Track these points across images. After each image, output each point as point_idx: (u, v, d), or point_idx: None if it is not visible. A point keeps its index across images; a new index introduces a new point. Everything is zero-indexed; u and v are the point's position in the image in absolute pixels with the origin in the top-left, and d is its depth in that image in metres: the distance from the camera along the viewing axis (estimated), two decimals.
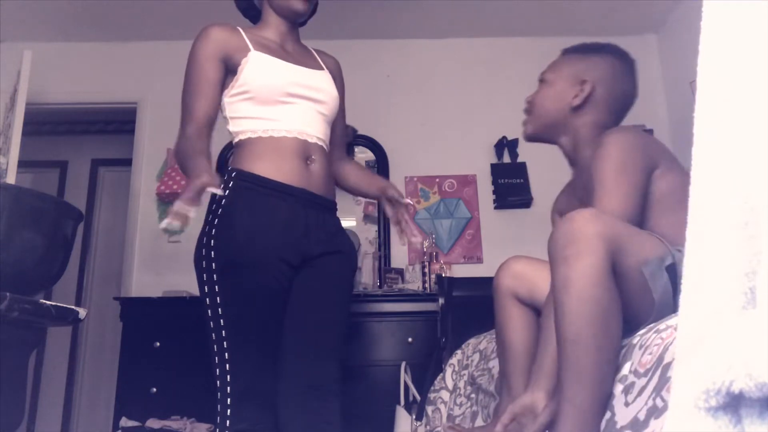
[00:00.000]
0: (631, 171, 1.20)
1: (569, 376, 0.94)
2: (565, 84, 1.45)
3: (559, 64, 1.50)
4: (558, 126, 1.45)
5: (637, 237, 1.08)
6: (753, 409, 0.39)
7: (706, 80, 0.47)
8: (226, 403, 1.36)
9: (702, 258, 0.45)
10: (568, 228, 1.00)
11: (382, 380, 2.79)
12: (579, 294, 0.95)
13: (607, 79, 1.44)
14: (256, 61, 1.47)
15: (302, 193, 1.44)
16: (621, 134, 1.25)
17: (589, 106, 1.41)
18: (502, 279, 1.52)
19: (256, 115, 1.47)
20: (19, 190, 1.55)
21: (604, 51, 1.48)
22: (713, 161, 0.46)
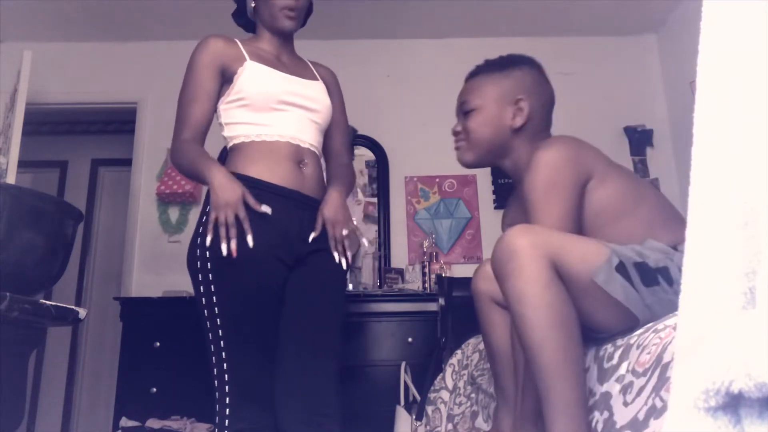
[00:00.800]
0: (560, 189, 1.19)
1: (546, 383, 0.97)
2: (498, 106, 1.40)
3: (480, 88, 1.44)
4: (499, 150, 1.42)
5: (575, 240, 1.10)
6: (753, 409, 0.39)
7: (706, 80, 0.47)
8: (224, 403, 1.37)
9: (702, 258, 0.45)
10: (502, 246, 1.05)
11: (382, 380, 2.79)
12: (532, 302, 0.99)
13: (534, 90, 1.41)
14: (251, 70, 1.52)
15: (295, 195, 1.48)
16: (548, 152, 1.23)
17: (527, 122, 1.39)
18: (478, 283, 1.53)
19: (250, 121, 1.51)
20: (19, 190, 1.55)
21: (519, 63, 1.45)
22: (713, 161, 0.46)
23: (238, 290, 1.39)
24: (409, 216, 3.49)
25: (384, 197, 3.50)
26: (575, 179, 1.22)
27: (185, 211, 3.47)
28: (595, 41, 3.68)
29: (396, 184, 3.54)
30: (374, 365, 2.86)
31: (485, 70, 1.47)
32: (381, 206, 3.48)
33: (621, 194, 1.24)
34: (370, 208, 3.50)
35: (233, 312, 1.38)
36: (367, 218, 3.49)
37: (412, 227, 3.47)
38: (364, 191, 3.54)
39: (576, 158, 1.23)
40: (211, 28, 1.59)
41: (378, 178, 3.54)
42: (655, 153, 3.56)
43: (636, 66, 3.68)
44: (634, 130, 3.56)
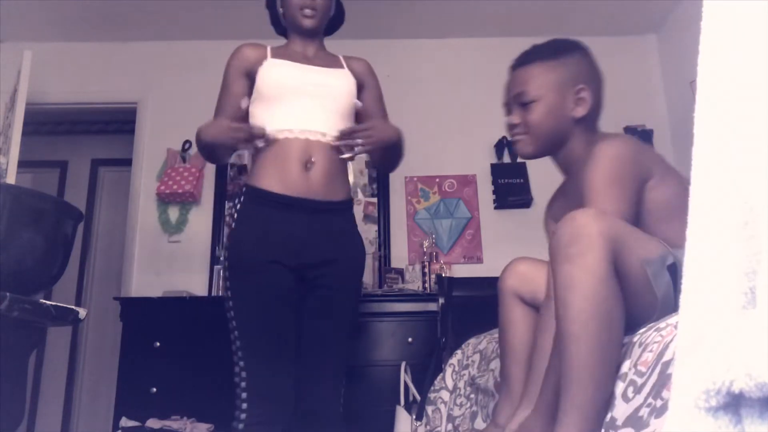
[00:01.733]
0: (623, 182, 1.18)
1: (571, 374, 0.94)
2: (558, 95, 1.35)
3: (537, 77, 1.37)
4: (560, 140, 1.38)
5: (639, 236, 1.08)
6: (753, 409, 0.39)
7: (706, 80, 0.47)
8: (241, 398, 1.44)
9: (702, 258, 0.45)
10: (571, 226, 1.00)
11: (382, 380, 2.79)
12: (583, 292, 0.95)
13: (590, 77, 1.38)
14: (267, 66, 1.61)
15: (302, 202, 1.54)
16: (613, 145, 1.22)
17: (589, 112, 1.36)
18: (507, 279, 1.52)
19: (265, 115, 1.59)
20: (19, 190, 1.55)
21: (572, 49, 1.41)
22: (713, 161, 0.46)
23: (245, 291, 1.50)
24: (409, 216, 3.49)
25: (384, 197, 3.50)
26: (637, 175, 1.21)
27: (185, 211, 3.47)
28: (595, 41, 3.65)
29: (396, 184, 3.54)
30: (374, 365, 2.86)
31: (538, 57, 1.39)
32: (381, 206, 3.48)
33: (677, 196, 1.23)
34: (370, 208, 3.50)
35: (244, 313, 1.49)
36: (367, 218, 3.49)
37: (412, 227, 3.47)
38: (364, 191, 3.54)
39: (640, 155, 1.23)
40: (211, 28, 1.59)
41: (378, 178, 3.53)
42: None
43: (636, 66, 3.68)
44: (634, 130, 3.56)
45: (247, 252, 1.50)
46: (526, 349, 1.44)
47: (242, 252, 1.51)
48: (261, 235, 1.51)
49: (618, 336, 0.97)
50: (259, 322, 1.49)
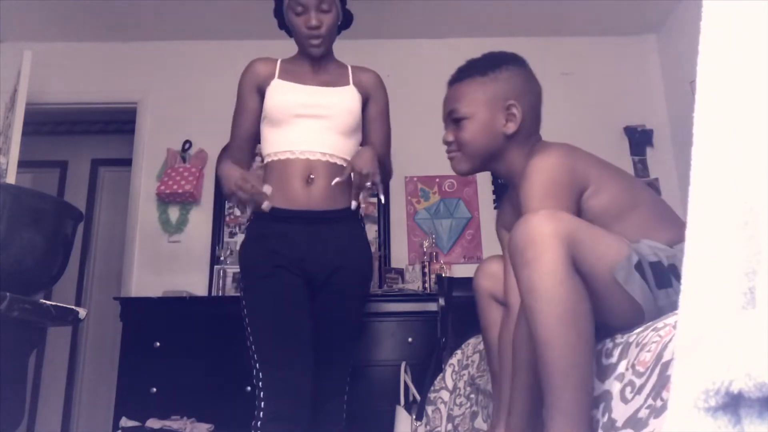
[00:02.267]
0: (556, 194, 1.16)
1: (549, 380, 0.94)
2: (488, 112, 1.34)
3: (468, 94, 1.37)
4: (494, 156, 1.37)
5: (596, 233, 1.07)
6: (752, 409, 0.39)
7: (706, 80, 0.47)
8: (259, 397, 1.48)
9: (702, 258, 0.45)
10: (524, 230, 1.00)
11: (382, 380, 2.79)
12: (545, 296, 0.95)
13: (524, 92, 1.36)
14: (274, 87, 1.66)
15: (304, 214, 1.60)
16: (544, 159, 1.20)
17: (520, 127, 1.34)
18: (479, 280, 1.53)
19: (270, 137, 1.66)
20: (19, 190, 1.55)
21: (504, 63, 1.39)
22: (713, 161, 0.46)
23: (257, 295, 1.57)
24: (409, 216, 3.49)
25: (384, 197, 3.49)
26: (571, 185, 1.19)
27: (185, 211, 3.47)
28: (595, 41, 3.68)
29: (396, 184, 3.54)
30: (374, 365, 2.87)
31: (470, 74, 1.40)
32: (381, 206, 3.48)
33: (616, 199, 1.23)
34: (370, 208, 3.50)
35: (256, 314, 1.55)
36: (367, 218, 3.48)
37: (412, 227, 3.47)
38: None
39: (572, 165, 1.21)
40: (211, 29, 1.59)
41: None
42: (655, 153, 3.56)
43: (636, 66, 3.68)
44: (634, 130, 3.56)
45: (254, 266, 1.59)
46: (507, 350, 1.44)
47: (250, 266, 1.61)
48: (266, 250, 1.58)
49: (589, 334, 0.97)
50: (269, 321, 1.53)
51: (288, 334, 1.53)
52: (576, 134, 1.86)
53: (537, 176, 1.19)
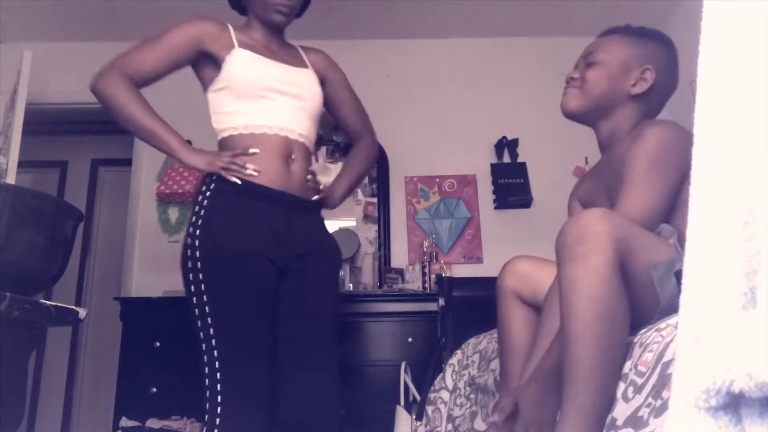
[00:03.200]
0: (664, 169, 1.16)
1: (572, 375, 0.93)
2: (622, 67, 1.36)
3: (611, 45, 1.39)
4: (606, 109, 1.37)
5: (648, 240, 1.06)
6: (753, 409, 0.39)
7: (706, 80, 0.47)
8: (216, 402, 1.36)
9: (702, 258, 0.45)
10: (577, 226, 0.99)
11: (382, 380, 2.79)
12: (586, 293, 0.94)
13: (663, 68, 1.37)
14: (238, 57, 1.51)
15: (282, 196, 1.48)
16: (661, 129, 1.20)
17: (646, 95, 1.35)
18: (506, 278, 1.51)
19: (237, 110, 1.51)
20: (19, 190, 1.55)
21: (658, 38, 1.41)
22: (713, 161, 0.46)
23: (228, 288, 1.40)
24: (409, 216, 3.49)
25: (384, 197, 3.50)
26: (680, 163, 1.17)
27: (185, 210, 3.47)
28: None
29: (396, 184, 3.54)
30: (374, 365, 2.86)
31: (623, 31, 1.42)
32: (381, 206, 3.48)
33: None
34: (370, 208, 3.50)
35: (223, 310, 1.39)
36: (366, 218, 3.49)
37: (412, 227, 3.47)
38: (364, 191, 3.54)
39: (684, 143, 1.19)
40: None
41: (378, 178, 3.53)
42: None
43: None
44: None
45: (227, 244, 1.41)
46: (525, 348, 1.43)
47: (222, 244, 1.41)
48: (242, 226, 1.43)
49: (621, 338, 0.96)
50: (240, 319, 1.40)
51: (256, 334, 1.41)
52: (576, 134, 1.86)
53: (651, 142, 1.17)
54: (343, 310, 3.00)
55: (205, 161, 1.48)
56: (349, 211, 3.49)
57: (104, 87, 1.48)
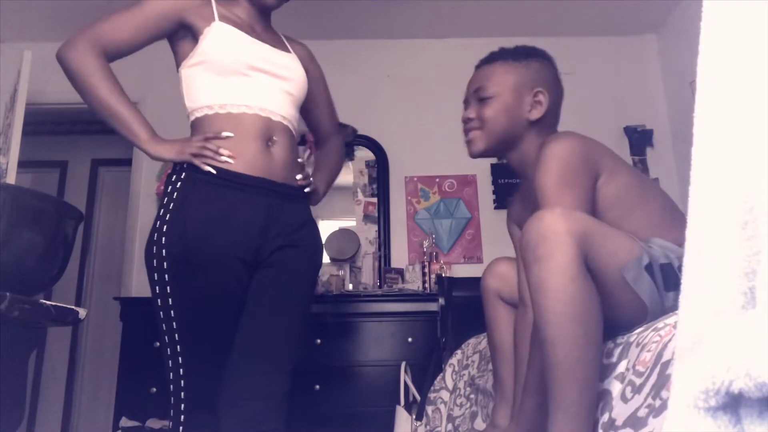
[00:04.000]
0: (573, 181, 1.16)
1: (554, 379, 0.94)
2: (515, 96, 1.35)
3: (498, 76, 1.38)
4: (511, 141, 1.38)
5: (609, 233, 1.06)
6: (753, 409, 0.39)
7: (706, 80, 0.47)
8: (179, 409, 1.30)
9: (702, 258, 0.45)
10: (538, 227, 0.99)
11: (382, 380, 2.79)
12: (554, 294, 0.94)
13: (552, 84, 1.38)
14: (218, 31, 1.38)
15: (262, 183, 1.35)
16: (560, 145, 1.20)
17: (544, 115, 1.36)
18: (488, 280, 1.55)
19: (213, 86, 1.38)
20: (19, 190, 1.55)
21: (537, 55, 1.40)
22: (713, 161, 0.46)
23: (196, 293, 1.28)
24: (409, 216, 3.49)
25: (384, 197, 3.50)
26: (588, 172, 1.19)
27: None
28: (595, 41, 3.69)
29: (396, 184, 3.54)
30: (374, 365, 2.86)
31: (503, 57, 1.41)
32: (381, 206, 3.48)
33: (629, 189, 1.23)
34: (370, 208, 3.50)
35: (190, 316, 1.29)
36: (366, 218, 3.49)
37: (412, 227, 3.47)
38: (364, 191, 3.54)
39: (587, 151, 1.21)
40: None
41: (378, 178, 3.54)
42: (655, 153, 3.56)
43: (636, 66, 3.68)
44: (634, 130, 3.56)
45: (197, 246, 1.27)
46: (512, 348, 1.45)
47: (191, 246, 1.27)
48: (214, 223, 1.29)
49: (596, 334, 0.96)
50: (209, 328, 1.30)
51: (222, 342, 1.32)
52: None
53: (553, 162, 1.18)
54: (343, 310, 3.00)
55: (175, 151, 1.34)
56: (349, 211, 3.49)
57: (72, 58, 1.36)
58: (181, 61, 1.44)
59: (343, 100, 1.88)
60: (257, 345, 1.34)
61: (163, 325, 1.30)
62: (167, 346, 1.30)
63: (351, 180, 3.55)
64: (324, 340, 2.84)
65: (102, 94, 1.35)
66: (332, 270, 3.23)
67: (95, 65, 1.36)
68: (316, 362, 2.77)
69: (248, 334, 1.34)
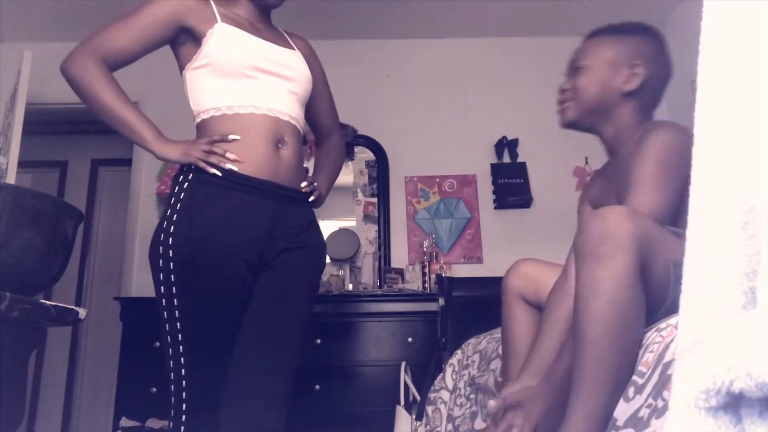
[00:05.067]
0: (669, 172, 1.15)
1: (585, 377, 0.92)
2: (610, 68, 1.36)
3: (594, 49, 1.40)
4: (603, 113, 1.37)
5: (669, 239, 1.04)
6: (753, 409, 0.39)
7: (706, 80, 0.47)
8: (181, 409, 1.30)
9: (702, 258, 0.45)
10: (601, 225, 0.96)
11: (382, 380, 2.79)
12: (607, 295, 0.92)
13: (652, 60, 1.38)
14: (222, 33, 1.37)
15: (270, 186, 1.35)
16: (666, 132, 1.19)
17: (640, 90, 1.35)
18: (511, 279, 1.53)
19: (219, 88, 1.37)
20: (19, 190, 1.55)
21: (642, 31, 1.41)
22: (713, 161, 0.46)
23: (201, 293, 1.29)
24: (409, 216, 3.49)
25: (384, 197, 3.50)
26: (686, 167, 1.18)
27: None
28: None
29: (396, 184, 3.54)
30: (374, 365, 2.87)
31: (605, 32, 1.43)
32: (381, 206, 3.48)
33: None
34: (370, 208, 3.50)
35: (195, 317, 1.29)
36: (366, 218, 3.49)
37: (412, 227, 3.47)
38: (364, 191, 3.54)
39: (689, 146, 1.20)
40: None
41: (378, 178, 3.54)
42: None
43: None
44: None
45: (204, 247, 1.28)
46: (527, 348, 1.44)
47: (198, 247, 1.28)
48: (221, 225, 1.29)
49: (637, 342, 0.94)
50: (213, 330, 1.31)
51: (224, 338, 1.32)
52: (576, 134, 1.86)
53: (657, 147, 1.17)
54: (343, 310, 3.00)
55: (180, 152, 1.34)
56: (349, 211, 3.49)
57: (74, 69, 1.37)
58: (184, 64, 1.44)
59: (343, 100, 1.87)
60: (260, 345, 1.34)
61: (167, 324, 1.30)
62: (169, 346, 1.30)
63: (351, 180, 3.55)
64: (324, 340, 2.84)
65: (105, 100, 1.36)
66: (332, 270, 3.23)
67: (96, 73, 1.36)
68: (316, 362, 2.77)
69: (251, 334, 1.34)
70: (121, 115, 1.36)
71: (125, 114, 1.36)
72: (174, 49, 1.48)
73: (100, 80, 1.36)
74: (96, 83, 1.36)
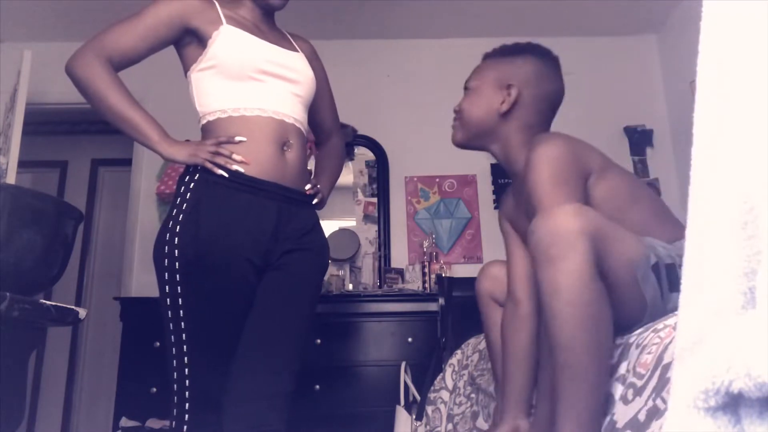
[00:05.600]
0: (567, 183, 1.16)
1: (564, 382, 0.92)
2: (491, 89, 1.40)
3: (481, 70, 1.45)
4: (487, 133, 1.41)
5: (619, 231, 1.04)
6: (752, 409, 0.39)
7: (705, 80, 0.47)
8: (183, 409, 1.30)
9: (701, 258, 0.45)
10: (550, 226, 0.96)
11: (382, 380, 2.79)
12: (568, 297, 0.92)
13: (531, 80, 1.38)
14: (227, 35, 1.38)
15: (275, 188, 1.36)
16: (549, 147, 1.20)
17: (516, 110, 1.37)
18: (482, 282, 1.56)
19: (225, 90, 1.38)
20: (19, 190, 1.55)
21: (525, 52, 1.42)
22: (713, 161, 0.46)
23: (207, 295, 1.29)
24: (409, 216, 3.49)
25: (384, 197, 3.50)
26: (578, 171, 1.19)
27: None
28: (595, 41, 3.68)
29: (396, 184, 3.54)
30: (374, 365, 2.87)
31: (493, 55, 1.47)
32: (381, 206, 3.48)
33: (619, 189, 1.23)
34: (370, 208, 3.50)
35: (200, 317, 1.30)
36: (366, 218, 3.49)
37: (412, 227, 3.47)
38: (364, 191, 3.54)
39: (575, 151, 1.21)
40: None
41: (378, 178, 3.54)
42: (655, 153, 3.56)
43: (636, 66, 3.68)
44: (634, 130, 3.56)
45: (210, 248, 1.29)
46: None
47: (204, 247, 1.29)
48: (227, 226, 1.31)
49: (608, 338, 0.95)
50: (217, 331, 1.31)
51: (228, 338, 1.32)
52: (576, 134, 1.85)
53: (544, 166, 1.18)
54: (343, 310, 3.00)
55: (186, 153, 1.35)
56: (349, 211, 3.49)
57: (79, 69, 1.36)
58: (189, 65, 1.44)
59: (343, 100, 1.87)
60: (263, 345, 1.34)
61: (171, 324, 1.30)
62: (173, 346, 1.31)
63: (351, 180, 3.55)
64: (324, 340, 2.84)
65: (111, 101, 1.36)
66: (332, 270, 3.22)
67: (102, 73, 1.36)
68: (316, 362, 2.77)
69: (254, 334, 1.34)
70: (127, 116, 1.37)
71: (132, 114, 1.37)
72: (178, 50, 1.48)
73: (106, 80, 1.36)
74: (102, 83, 1.36)
